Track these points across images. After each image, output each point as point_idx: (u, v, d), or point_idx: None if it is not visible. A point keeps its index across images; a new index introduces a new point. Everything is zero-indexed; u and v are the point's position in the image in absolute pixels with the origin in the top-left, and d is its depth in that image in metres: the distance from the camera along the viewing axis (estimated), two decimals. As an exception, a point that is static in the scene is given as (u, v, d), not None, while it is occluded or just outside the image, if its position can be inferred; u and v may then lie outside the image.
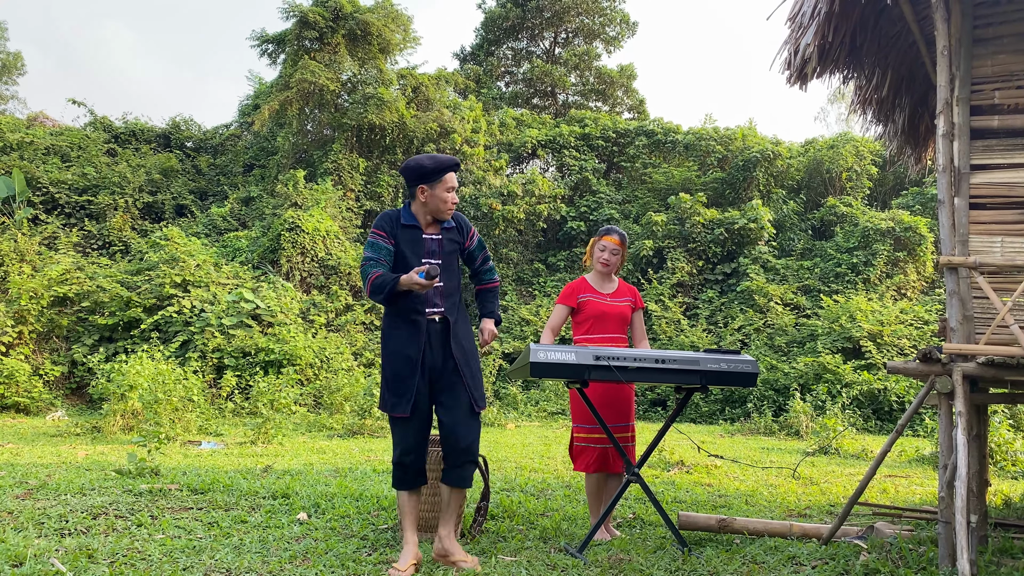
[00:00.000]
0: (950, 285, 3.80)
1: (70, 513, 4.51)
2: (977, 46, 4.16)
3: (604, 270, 4.69)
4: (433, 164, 3.81)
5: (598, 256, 4.70)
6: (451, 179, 3.84)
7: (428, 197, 3.82)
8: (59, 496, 5.01)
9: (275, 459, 7.57)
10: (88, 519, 4.41)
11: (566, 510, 5.14)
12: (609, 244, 4.68)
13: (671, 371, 3.98)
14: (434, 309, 3.82)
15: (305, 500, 5.11)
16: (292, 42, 19.00)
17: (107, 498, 4.95)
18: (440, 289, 3.84)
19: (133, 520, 4.41)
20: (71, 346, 13.23)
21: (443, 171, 3.81)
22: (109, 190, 17.47)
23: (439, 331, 3.83)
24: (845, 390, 12.09)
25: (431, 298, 3.82)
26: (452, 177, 3.84)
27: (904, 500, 6.10)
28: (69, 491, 5.17)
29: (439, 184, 3.81)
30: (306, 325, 14.28)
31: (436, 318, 3.82)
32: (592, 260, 4.75)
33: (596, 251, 4.73)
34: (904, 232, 16.03)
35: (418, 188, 3.82)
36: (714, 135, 20.83)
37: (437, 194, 3.82)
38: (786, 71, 4.69)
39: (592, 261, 4.75)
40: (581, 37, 28.22)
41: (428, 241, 3.87)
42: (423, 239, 3.86)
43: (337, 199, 17.53)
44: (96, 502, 4.80)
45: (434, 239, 3.89)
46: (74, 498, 4.95)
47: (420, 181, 3.81)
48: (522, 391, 14.28)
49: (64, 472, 6.16)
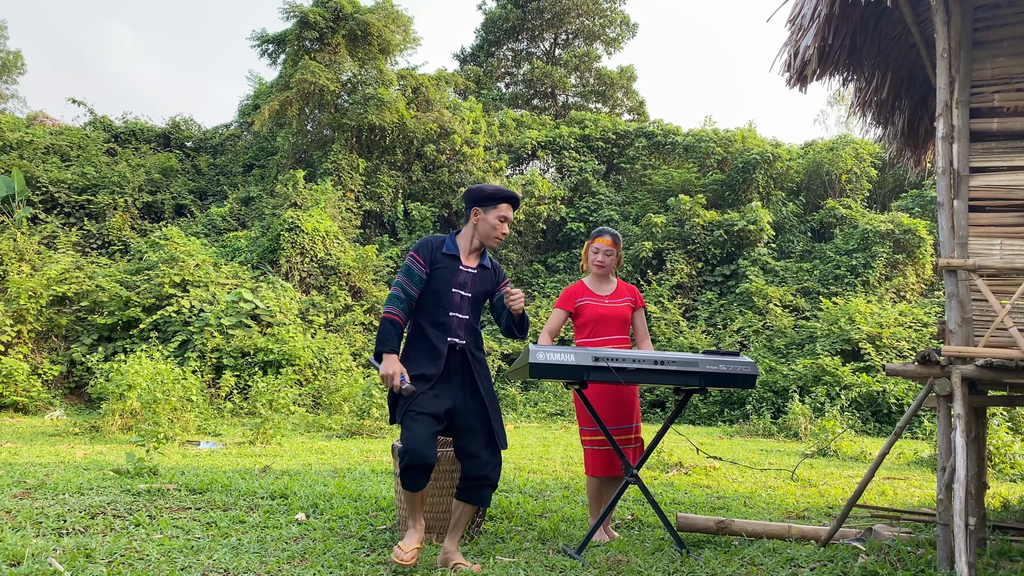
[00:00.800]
0: (949, 287, 3.80)
1: (68, 513, 4.50)
2: (977, 49, 4.16)
3: (600, 272, 4.69)
4: (492, 190, 3.94)
5: (592, 259, 4.71)
6: (505, 209, 3.91)
7: (479, 221, 3.91)
8: (57, 496, 5.01)
9: (273, 459, 7.57)
10: (86, 519, 4.40)
11: (564, 511, 5.13)
12: (602, 246, 4.68)
13: (670, 372, 3.98)
14: (455, 340, 3.85)
15: (303, 500, 5.11)
16: (292, 42, 19.00)
17: (105, 498, 4.94)
18: (464, 322, 3.88)
19: (131, 520, 4.41)
20: (70, 345, 13.22)
21: (500, 199, 3.91)
22: (109, 190, 17.47)
23: (458, 359, 3.86)
24: (844, 392, 12.09)
25: (455, 328, 3.86)
26: (506, 208, 3.92)
27: (902, 502, 6.10)
28: (67, 491, 5.17)
29: (493, 210, 3.90)
30: (305, 325, 14.27)
31: (457, 347, 3.86)
32: (587, 263, 4.75)
33: (590, 254, 4.73)
34: (903, 235, 16.04)
35: (472, 210, 3.94)
36: (714, 137, 20.84)
37: (489, 219, 3.90)
38: (786, 73, 4.69)
39: (588, 264, 4.75)
40: (581, 38, 28.24)
41: (463, 273, 3.91)
42: (459, 270, 3.90)
43: (337, 199, 17.53)
44: (94, 502, 4.79)
45: (469, 272, 3.93)
46: (72, 497, 4.95)
47: (476, 204, 3.92)
48: (521, 392, 14.27)
49: (62, 472, 6.16)
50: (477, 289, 3.95)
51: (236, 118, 22.69)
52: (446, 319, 3.82)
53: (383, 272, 16.69)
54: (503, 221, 3.91)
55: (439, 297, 3.83)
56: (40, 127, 19.97)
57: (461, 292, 3.87)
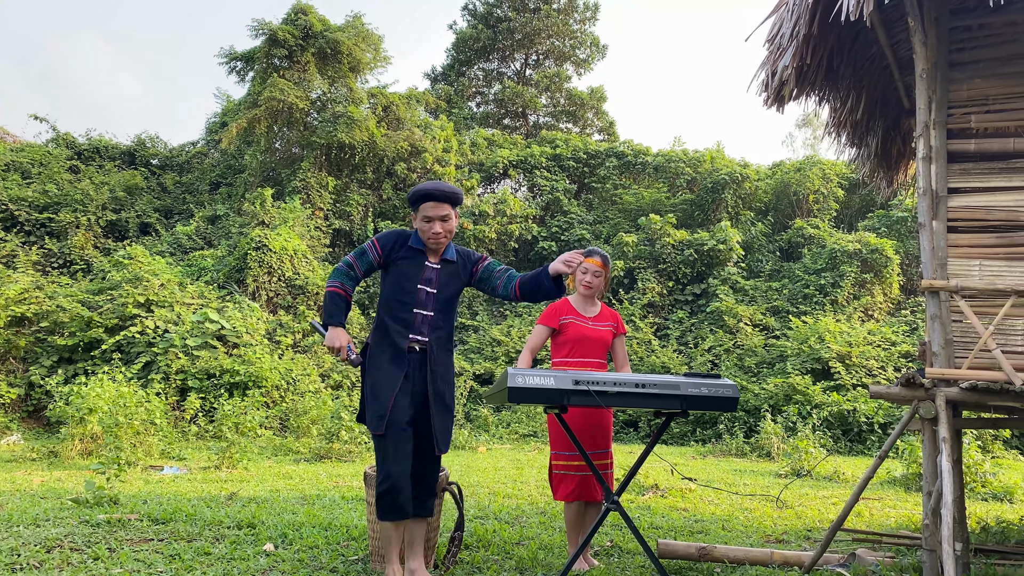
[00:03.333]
0: (931, 309, 3.77)
1: (22, 546, 4.28)
2: (954, 70, 4.18)
3: (587, 292, 4.60)
4: (414, 192, 3.81)
5: (581, 278, 4.62)
6: (426, 208, 3.73)
7: (415, 222, 3.82)
8: (11, 527, 4.78)
9: (240, 485, 7.35)
10: (42, 552, 4.19)
11: (542, 538, 5.01)
12: (592, 266, 4.60)
13: (651, 396, 3.88)
14: (417, 337, 3.74)
15: (272, 530, 4.92)
16: (261, 60, 18.84)
17: (62, 529, 4.72)
18: (428, 319, 3.76)
19: (90, 553, 4.20)
20: (28, 367, 12.82)
21: (419, 200, 3.76)
22: (71, 207, 17.09)
23: (417, 360, 3.75)
24: (815, 411, 12.12)
25: (418, 325, 3.75)
26: (431, 207, 3.73)
27: (880, 523, 6.06)
28: (22, 522, 4.93)
29: (417, 212, 3.79)
30: (272, 346, 14.01)
31: (416, 347, 3.74)
32: (575, 283, 4.66)
33: (579, 273, 4.64)
34: (871, 254, 16.22)
35: (412, 215, 3.86)
36: (683, 157, 21.01)
37: (417, 223, 3.80)
38: (763, 93, 4.67)
39: (575, 283, 4.66)
40: (552, 59, 28.42)
41: (428, 268, 3.82)
42: (424, 265, 3.81)
43: (305, 218, 17.33)
44: (51, 534, 4.57)
45: (433, 268, 3.83)
46: (27, 529, 4.72)
47: (410, 207, 3.85)
48: (493, 413, 14.13)
49: (17, 501, 5.90)
50: (444, 285, 3.83)
51: (203, 135, 22.42)
52: (409, 315, 3.72)
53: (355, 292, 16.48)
54: (428, 222, 3.73)
55: (402, 291, 3.74)
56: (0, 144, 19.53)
57: (427, 288, 3.78)
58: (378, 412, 3.61)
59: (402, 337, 3.70)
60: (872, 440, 12.01)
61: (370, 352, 3.76)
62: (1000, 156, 4.11)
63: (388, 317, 3.74)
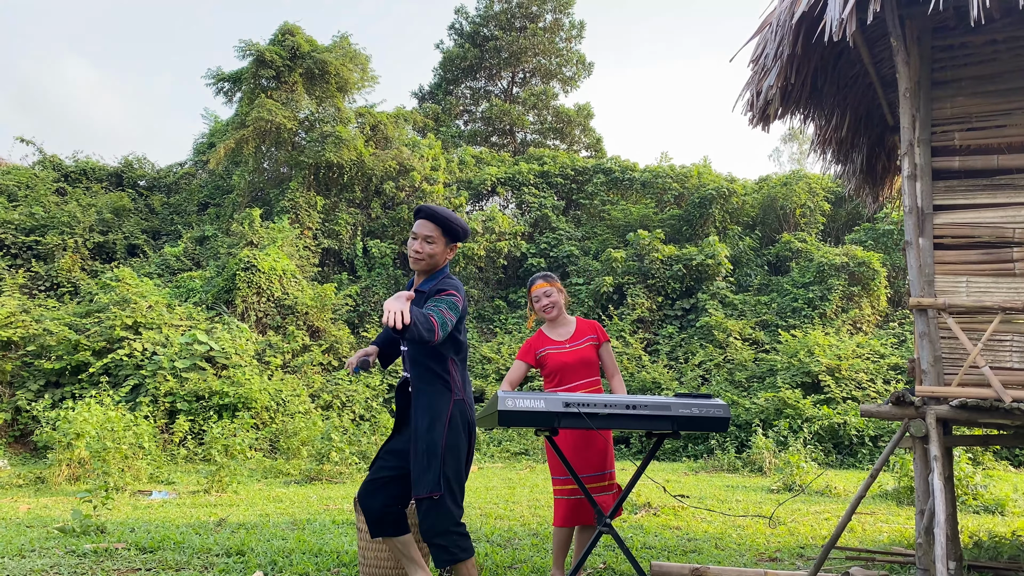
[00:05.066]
0: (920, 327, 3.78)
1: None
2: (937, 89, 4.21)
3: (551, 315, 4.58)
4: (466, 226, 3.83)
5: (538, 307, 4.60)
6: (415, 225, 3.69)
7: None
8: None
9: (229, 509, 7.28)
10: (27, 584, 4.13)
11: (534, 561, 4.97)
12: (540, 291, 4.58)
13: (642, 417, 3.87)
14: (406, 374, 3.70)
15: (261, 557, 4.87)
16: (249, 80, 18.86)
17: (48, 560, 4.66)
18: (407, 355, 3.66)
19: (76, 584, 4.15)
20: (15, 392, 12.69)
21: (414, 216, 3.77)
22: (58, 230, 17.00)
23: (404, 397, 3.71)
24: (806, 425, 12.13)
25: (405, 362, 3.72)
26: (416, 224, 3.69)
27: (872, 539, 6.05)
28: (7, 553, 4.86)
29: None
30: (262, 367, 13.93)
31: (406, 385, 3.69)
32: (537, 314, 4.65)
33: (535, 304, 4.62)
34: (858, 267, 16.30)
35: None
36: (670, 173, 21.12)
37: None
38: (748, 113, 4.70)
39: (538, 314, 4.64)
40: (538, 77, 28.57)
41: None
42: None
43: (294, 238, 17.29)
44: (36, 565, 4.51)
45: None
46: (12, 561, 4.65)
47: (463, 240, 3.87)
48: (484, 431, 14.07)
49: (3, 530, 5.82)
50: None
51: (191, 156, 22.40)
52: (401, 354, 3.75)
53: (342, 311, 16.44)
54: (413, 239, 3.66)
55: None
56: (-14, 166, 19.44)
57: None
58: None
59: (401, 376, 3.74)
60: (863, 453, 12.01)
61: None
62: (984, 173, 4.14)
63: None
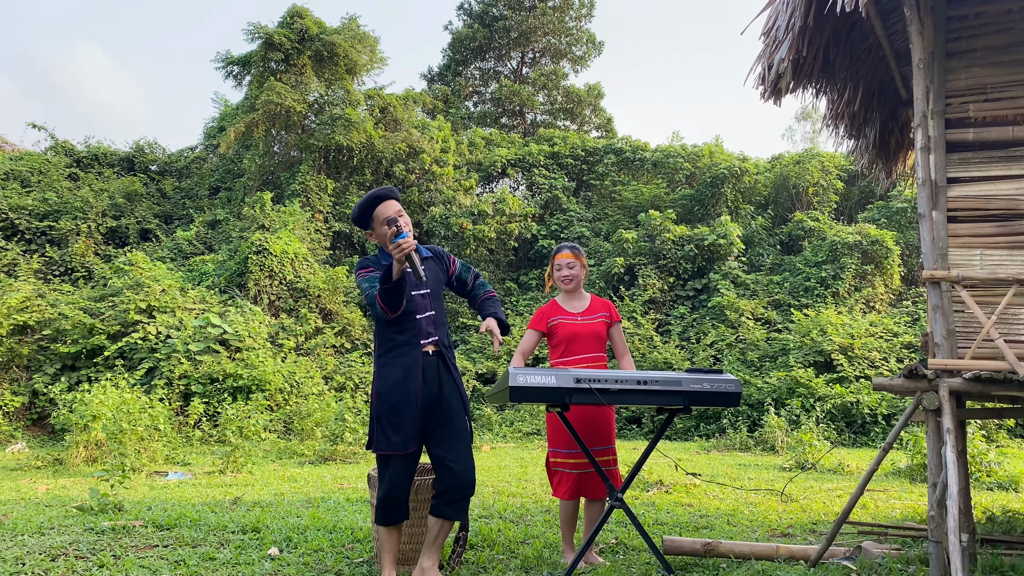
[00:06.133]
0: (933, 300, 3.76)
1: (27, 555, 4.28)
2: (951, 59, 4.16)
3: (569, 287, 4.59)
4: (358, 211, 3.75)
5: (558, 276, 4.61)
6: (382, 211, 3.69)
7: (376, 239, 3.78)
8: (16, 536, 4.78)
9: (244, 489, 7.35)
10: (46, 561, 4.19)
11: (547, 537, 5.00)
12: (564, 260, 4.59)
13: (653, 393, 3.88)
14: (428, 340, 3.72)
15: (276, 534, 4.92)
16: (258, 64, 18.84)
17: (67, 537, 4.72)
18: (432, 319, 3.74)
19: (95, 561, 4.20)
20: (32, 376, 12.84)
21: (368, 212, 3.73)
22: (71, 215, 17.11)
23: (433, 363, 3.72)
24: (818, 404, 12.11)
25: (425, 327, 3.72)
26: (383, 208, 3.69)
27: (885, 515, 6.05)
28: (27, 530, 4.93)
29: (374, 222, 3.74)
30: (275, 349, 14.01)
31: (430, 350, 3.73)
32: (555, 282, 4.66)
33: (555, 272, 4.63)
34: (871, 246, 16.19)
35: (366, 233, 3.83)
36: (681, 152, 20.99)
37: (376, 235, 3.78)
38: (760, 86, 4.65)
39: (555, 283, 4.65)
40: (548, 57, 28.39)
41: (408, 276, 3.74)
42: (406, 272, 3.70)
43: (305, 221, 17.32)
44: (55, 542, 4.57)
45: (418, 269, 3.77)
46: (32, 538, 4.72)
47: (362, 227, 3.80)
48: (496, 412, 14.12)
49: (22, 509, 5.90)
50: (431, 278, 3.80)
51: (202, 140, 22.44)
52: (414, 325, 3.69)
53: (353, 293, 16.48)
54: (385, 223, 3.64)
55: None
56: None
57: (417, 292, 3.73)
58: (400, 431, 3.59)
59: (414, 348, 3.67)
60: (876, 432, 11.99)
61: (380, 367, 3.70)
62: (999, 145, 4.09)
63: (394, 333, 3.68)
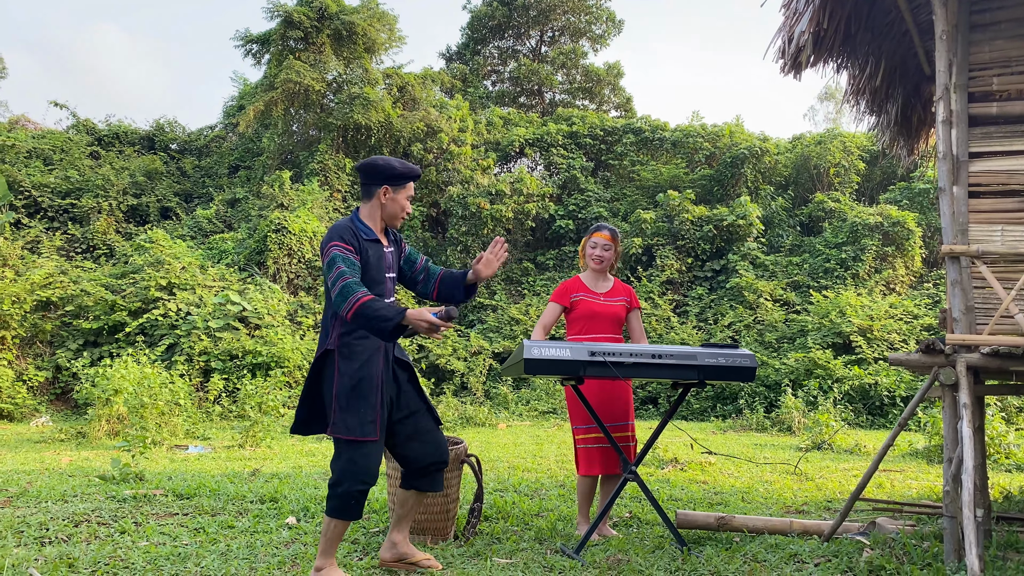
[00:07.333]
0: (952, 274, 3.72)
1: (51, 521, 4.37)
2: (975, 32, 4.10)
3: (598, 267, 4.59)
4: (403, 168, 3.58)
5: (590, 253, 4.61)
6: (412, 188, 3.65)
7: (389, 201, 3.57)
8: (40, 503, 4.88)
9: (263, 462, 7.44)
10: (69, 527, 4.27)
11: (561, 510, 5.04)
12: (600, 240, 4.59)
13: (668, 366, 3.88)
14: None
15: (294, 504, 4.99)
16: (277, 42, 18.85)
17: (89, 504, 4.81)
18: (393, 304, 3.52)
19: (116, 527, 4.28)
20: (55, 351, 13.04)
21: (410, 177, 3.62)
22: (93, 193, 17.27)
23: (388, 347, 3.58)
24: (836, 385, 12.04)
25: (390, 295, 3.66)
26: (412, 187, 3.66)
27: (901, 495, 6.03)
28: (50, 498, 5.03)
29: (403, 190, 3.60)
30: (294, 327, 14.12)
31: None
32: (585, 259, 4.66)
33: (588, 248, 4.64)
34: (892, 227, 16.01)
35: (382, 188, 3.56)
36: (701, 132, 20.80)
37: (399, 199, 3.59)
38: (780, 60, 4.61)
39: (585, 260, 4.66)
40: (567, 35, 28.16)
41: (387, 255, 3.64)
42: (384, 253, 3.61)
43: (324, 200, 17.38)
44: (78, 509, 4.66)
45: (390, 252, 3.66)
46: (55, 505, 4.81)
47: (386, 182, 3.56)
48: (513, 390, 14.17)
49: (46, 479, 6.02)
50: (398, 267, 3.75)
51: (221, 119, 22.52)
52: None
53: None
54: (410, 200, 3.64)
55: (374, 286, 3.50)
56: (22, 131, 19.73)
57: (390, 275, 3.64)
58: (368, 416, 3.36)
59: None
60: (894, 414, 11.92)
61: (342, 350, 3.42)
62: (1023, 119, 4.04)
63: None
